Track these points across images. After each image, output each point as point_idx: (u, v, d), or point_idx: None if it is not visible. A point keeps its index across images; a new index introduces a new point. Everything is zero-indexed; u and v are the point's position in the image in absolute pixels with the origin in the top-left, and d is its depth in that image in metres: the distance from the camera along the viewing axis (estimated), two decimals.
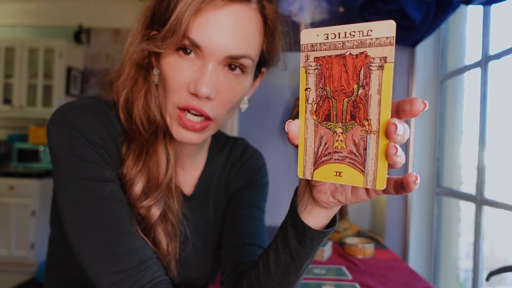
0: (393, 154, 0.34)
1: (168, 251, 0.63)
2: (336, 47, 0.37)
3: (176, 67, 0.58)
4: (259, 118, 2.05)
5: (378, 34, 0.34)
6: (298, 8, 2.02)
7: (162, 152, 0.64)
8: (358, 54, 0.35)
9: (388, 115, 0.34)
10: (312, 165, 0.39)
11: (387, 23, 0.34)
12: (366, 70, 0.35)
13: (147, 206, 0.61)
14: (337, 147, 0.37)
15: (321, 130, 0.38)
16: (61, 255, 0.68)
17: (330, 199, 0.45)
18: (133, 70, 0.64)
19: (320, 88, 0.38)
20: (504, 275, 1.63)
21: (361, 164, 0.36)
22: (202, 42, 0.56)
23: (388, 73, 0.34)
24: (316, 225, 0.48)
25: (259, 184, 0.79)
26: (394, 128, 0.33)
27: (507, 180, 1.57)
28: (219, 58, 0.57)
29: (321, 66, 0.38)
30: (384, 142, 0.35)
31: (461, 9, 1.71)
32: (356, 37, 0.35)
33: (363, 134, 0.36)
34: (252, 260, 0.65)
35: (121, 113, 0.63)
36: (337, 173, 0.38)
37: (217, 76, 0.58)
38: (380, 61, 0.34)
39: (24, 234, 3.07)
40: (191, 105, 0.58)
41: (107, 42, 3.69)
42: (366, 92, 0.35)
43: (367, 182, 0.36)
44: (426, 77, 1.94)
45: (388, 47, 0.34)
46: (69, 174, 0.57)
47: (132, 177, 0.61)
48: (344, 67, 0.36)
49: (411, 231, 1.89)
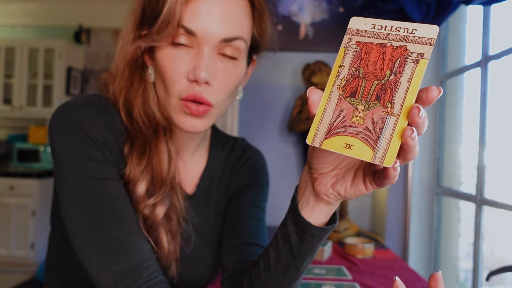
0: (408, 136, 0.35)
1: (169, 250, 0.63)
2: (380, 36, 0.39)
3: (172, 58, 0.59)
4: (259, 118, 2.05)
5: (421, 34, 0.37)
6: (298, 8, 2.02)
7: (163, 148, 0.64)
8: (398, 46, 0.38)
9: (412, 102, 0.36)
10: (324, 134, 0.39)
11: (432, 27, 0.37)
12: (402, 61, 0.37)
13: (152, 205, 0.61)
14: (354, 122, 0.38)
15: (343, 104, 0.39)
16: (61, 253, 0.68)
17: (330, 190, 0.45)
18: (128, 71, 0.64)
19: (354, 68, 0.39)
20: (504, 275, 1.63)
21: (373, 141, 0.37)
22: (196, 29, 0.57)
23: (422, 67, 0.36)
24: (316, 221, 0.49)
25: (260, 183, 0.79)
26: (417, 111, 0.34)
27: (507, 180, 1.57)
28: (213, 43, 0.58)
29: (360, 50, 0.39)
30: (401, 125, 0.36)
31: (461, 9, 1.71)
32: (400, 32, 0.38)
33: (383, 114, 0.37)
34: (252, 260, 0.66)
35: (122, 113, 0.63)
36: (347, 145, 0.37)
37: (213, 63, 0.59)
38: (417, 56, 0.37)
39: (24, 234, 3.07)
40: (191, 94, 0.59)
41: (107, 42, 3.69)
42: (396, 79, 0.37)
43: (376, 158, 0.36)
44: (426, 77, 1.94)
45: (427, 46, 0.36)
46: (70, 171, 0.57)
47: (136, 176, 0.61)
48: (382, 55, 0.38)
49: (411, 231, 1.89)
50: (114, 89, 0.65)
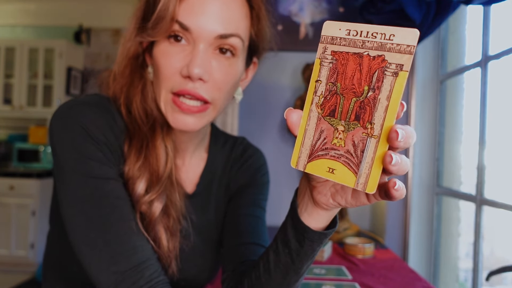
0: (388, 163, 0.34)
1: (168, 248, 0.63)
2: (355, 44, 0.37)
3: (167, 53, 0.59)
4: (259, 118, 2.05)
5: (399, 40, 0.34)
6: (298, 8, 2.02)
7: (160, 145, 0.64)
8: (375, 56, 0.35)
9: (392, 122, 0.34)
10: (307, 157, 0.39)
11: (411, 31, 0.34)
12: (380, 74, 0.35)
13: (149, 201, 0.61)
14: (335, 144, 0.37)
15: (323, 124, 0.38)
16: (60, 252, 0.68)
17: (330, 201, 0.45)
18: (129, 69, 0.65)
19: (330, 83, 0.38)
20: (504, 275, 1.63)
21: (355, 165, 0.36)
22: (191, 24, 0.57)
23: (401, 81, 0.34)
24: (316, 226, 0.48)
25: (260, 182, 0.79)
26: (396, 135, 0.33)
27: (507, 180, 1.57)
28: (208, 39, 0.58)
29: (336, 61, 0.38)
30: (382, 149, 0.35)
31: (461, 9, 1.71)
32: (377, 39, 0.35)
33: (363, 136, 0.36)
34: (253, 259, 0.65)
35: (123, 110, 0.64)
36: (330, 170, 0.37)
37: (208, 60, 0.59)
38: (396, 67, 0.34)
39: (24, 234, 3.07)
40: (185, 89, 0.59)
41: (107, 42, 3.69)
42: (375, 96, 0.35)
43: (358, 184, 0.36)
44: (426, 77, 1.94)
45: (406, 55, 0.34)
46: (70, 170, 0.57)
47: (134, 174, 0.61)
48: (359, 67, 0.36)
49: (411, 231, 1.89)
50: (115, 87, 0.65)
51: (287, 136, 2.06)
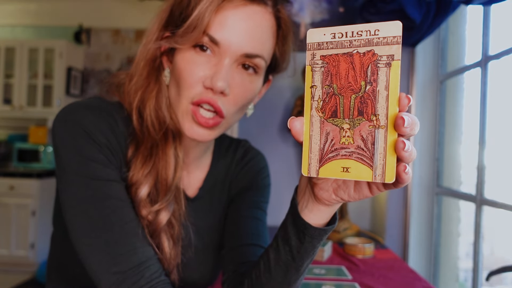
0: (401, 149, 0.34)
1: (171, 255, 0.63)
2: (343, 45, 0.37)
3: (192, 62, 0.59)
4: (259, 118, 2.05)
5: (385, 33, 0.35)
6: (298, 8, 2.02)
7: (171, 153, 0.64)
8: (365, 52, 0.36)
9: (396, 109, 0.35)
10: (318, 162, 0.38)
11: (394, 23, 0.35)
12: (373, 68, 0.36)
13: (156, 211, 0.61)
14: (344, 143, 0.37)
15: (327, 126, 0.38)
16: (63, 253, 0.68)
17: (333, 196, 0.45)
18: (146, 71, 0.65)
19: (326, 85, 0.38)
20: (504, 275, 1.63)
21: (369, 158, 0.36)
22: (221, 39, 0.58)
23: (395, 70, 0.35)
24: (316, 222, 0.49)
25: (261, 185, 0.79)
26: (402, 122, 0.34)
27: (507, 180, 1.57)
28: (235, 55, 0.59)
29: (327, 64, 0.38)
30: (392, 137, 0.35)
31: (461, 9, 1.71)
32: (363, 36, 0.36)
33: (371, 129, 0.36)
34: (253, 260, 0.66)
35: (134, 114, 0.63)
36: (344, 169, 0.37)
37: (232, 74, 0.60)
38: (387, 58, 0.35)
39: (24, 234, 3.07)
40: (205, 98, 0.59)
41: (107, 42, 3.69)
42: (373, 88, 0.36)
43: (376, 176, 0.36)
44: (426, 77, 1.94)
45: (395, 46, 0.35)
46: (72, 172, 0.57)
47: (139, 180, 0.61)
48: (352, 65, 0.37)
49: (411, 231, 1.90)
50: (130, 89, 0.65)
51: (287, 136, 2.06)
